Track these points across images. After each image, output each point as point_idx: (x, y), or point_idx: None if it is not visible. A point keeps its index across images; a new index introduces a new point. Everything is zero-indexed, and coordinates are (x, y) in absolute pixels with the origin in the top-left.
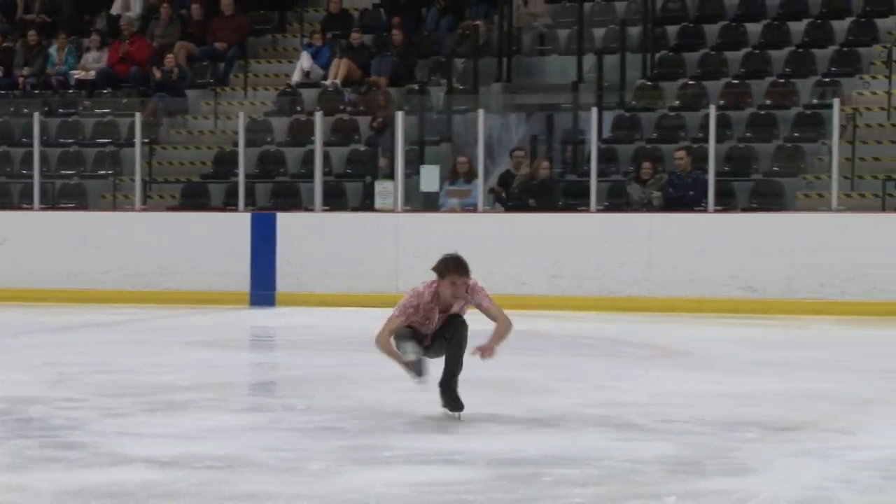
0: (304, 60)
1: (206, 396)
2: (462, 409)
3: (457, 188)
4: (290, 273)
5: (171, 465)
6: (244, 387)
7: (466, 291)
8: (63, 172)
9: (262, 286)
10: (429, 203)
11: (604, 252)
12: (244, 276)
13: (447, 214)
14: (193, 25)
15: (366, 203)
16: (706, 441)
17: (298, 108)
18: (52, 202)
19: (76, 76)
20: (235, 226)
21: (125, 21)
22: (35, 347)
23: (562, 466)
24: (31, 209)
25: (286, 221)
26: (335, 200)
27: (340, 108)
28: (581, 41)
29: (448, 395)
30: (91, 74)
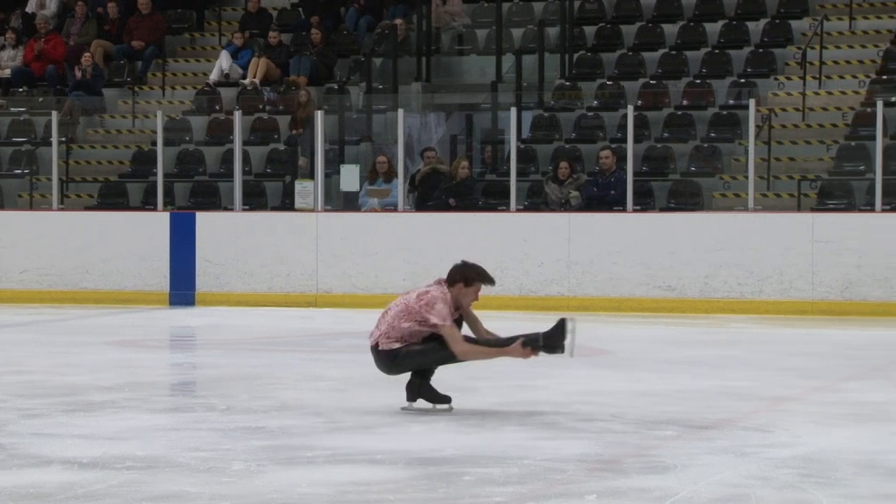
0: (224, 60)
1: (126, 397)
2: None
3: (376, 188)
4: (210, 273)
5: (91, 466)
6: (164, 387)
7: None
8: None
9: (182, 286)
10: (349, 203)
11: (523, 251)
12: (163, 276)
13: (367, 214)
14: (110, 24)
15: (285, 203)
16: (626, 439)
17: (217, 108)
18: None
19: None
20: (154, 225)
21: (41, 19)
22: None
23: (482, 465)
24: None
25: (205, 221)
26: (255, 200)
27: (259, 108)
28: (500, 41)
29: (434, 392)
30: (6, 73)
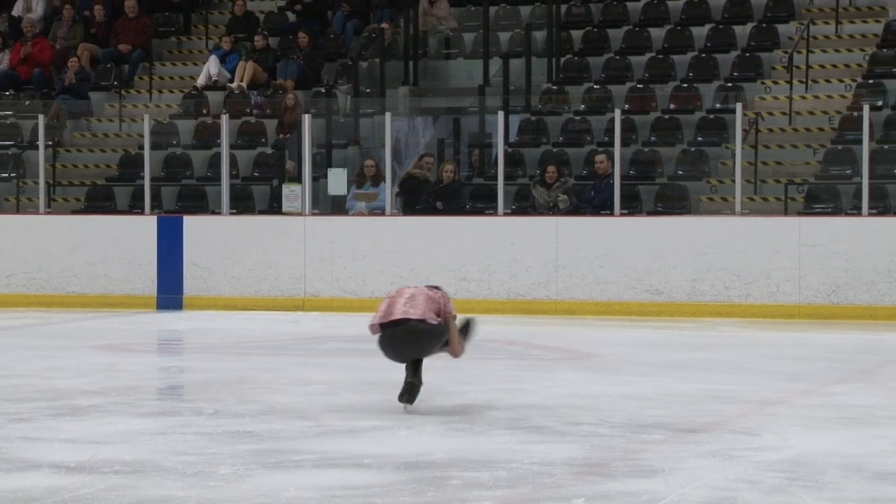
0: (212, 65)
1: (113, 401)
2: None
3: (364, 192)
4: (198, 276)
5: (78, 471)
6: (151, 391)
7: None
8: None
9: (169, 290)
10: (336, 207)
11: (511, 255)
12: (150, 280)
13: (355, 218)
14: (97, 27)
15: (273, 206)
16: (614, 443)
17: (204, 111)
18: None
19: None
20: (141, 229)
21: (27, 22)
22: None
23: (470, 469)
24: None
25: (193, 225)
26: (242, 204)
27: (247, 111)
28: (487, 45)
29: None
30: None
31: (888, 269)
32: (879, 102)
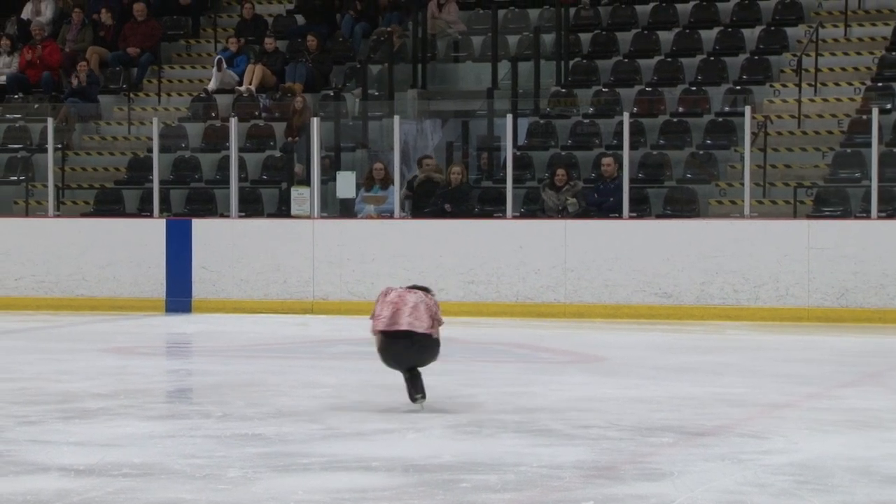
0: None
1: (122, 404)
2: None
3: (373, 195)
4: (206, 279)
5: (87, 473)
6: (160, 394)
7: None
8: None
9: (178, 293)
10: (345, 210)
11: (520, 258)
12: (159, 283)
13: (363, 221)
14: (105, 30)
15: (282, 209)
16: (623, 446)
17: (213, 114)
18: None
19: None
20: (150, 232)
21: (36, 26)
22: None
23: (479, 472)
24: None
25: (201, 228)
26: (251, 207)
27: (255, 115)
28: (495, 48)
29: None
30: (1, 79)
31: None
32: (888, 105)
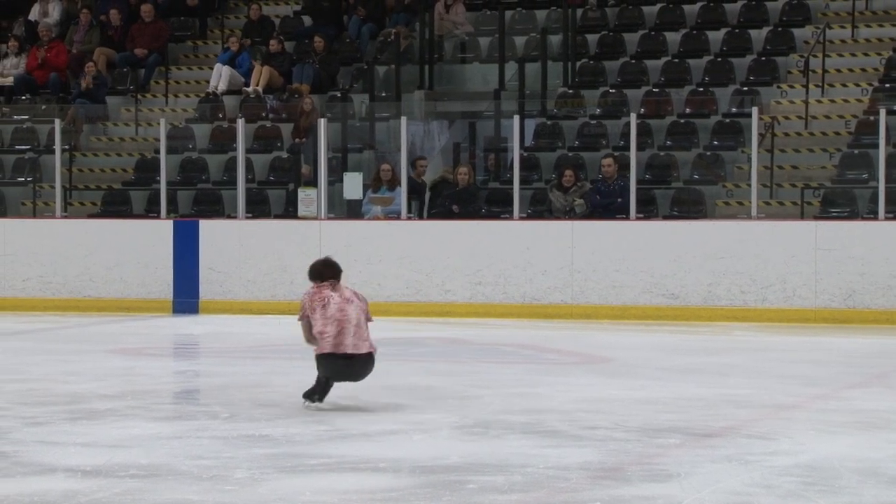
0: (223, 73)
1: (129, 405)
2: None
3: (380, 196)
4: (213, 280)
5: (94, 474)
6: (167, 395)
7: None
8: None
9: (185, 294)
10: (352, 211)
11: (527, 259)
12: (167, 284)
13: (370, 222)
14: (113, 31)
15: (289, 210)
16: (629, 447)
17: (220, 115)
18: None
19: None
20: (157, 233)
21: (43, 27)
22: None
23: (486, 473)
24: None
25: (209, 229)
26: (258, 208)
27: (262, 116)
28: (502, 49)
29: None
30: (9, 80)
31: None
32: (895, 106)
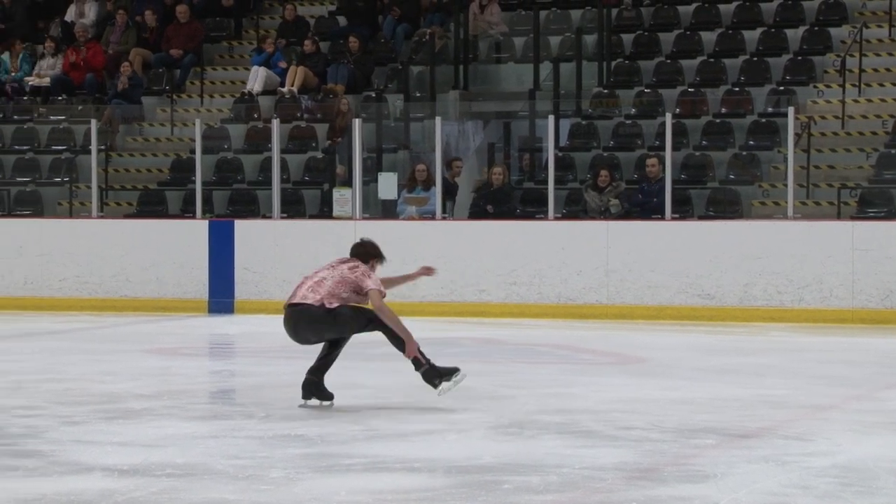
0: (259, 73)
1: (165, 404)
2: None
3: (415, 196)
4: (249, 280)
5: (130, 474)
6: (203, 394)
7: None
8: (19, 179)
9: (221, 294)
10: (387, 211)
11: (562, 259)
12: (202, 284)
13: (405, 222)
14: (149, 32)
15: (324, 211)
16: (665, 448)
17: (255, 116)
18: (8, 209)
19: (31, 83)
20: (193, 233)
21: (80, 28)
22: None
23: (521, 474)
24: None
25: (244, 229)
26: (293, 208)
27: (297, 116)
28: (537, 49)
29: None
30: (45, 81)
31: None
32: None
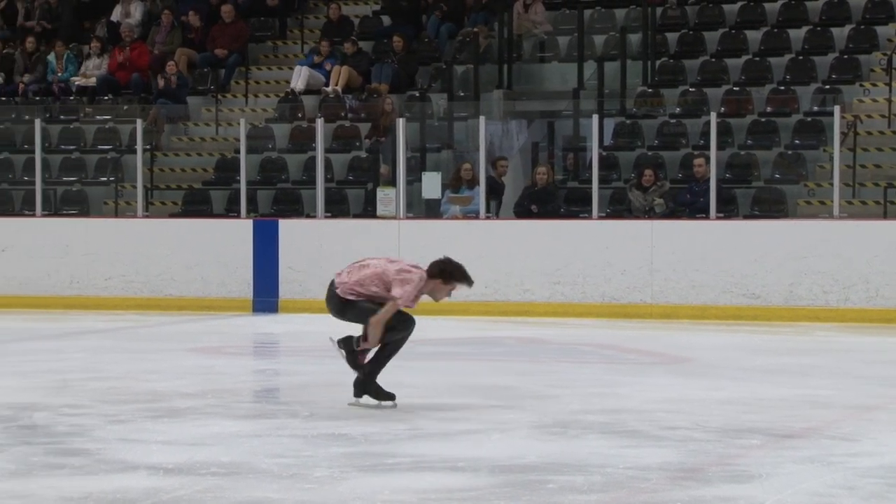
0: (302, 72)
1: (209, 403)
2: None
3: (458, 195)
4: (293, 280)
5: (175, 472)
6: (247, 393)
7: None
8: (65, 179)
9: (265, 293)
10: (430, 210)
11: (606, 259)
12: (247, 283)
13: (449, 221)
14: (194, 32)
15: (367, 210)
16: (710, 448)
17: (299, 115)
18: (54, 209)
19: (77, 83)
20: (237, 232)
21: (126, 28)
22: (37, 354)
23: (565, 473)
24: (33, 216)
25: (288, 228)
26: (337, 207)
27: (342, 115)
28: (581, 48)
29: (377, 388)
30: (91, 81)
31: None
32: None
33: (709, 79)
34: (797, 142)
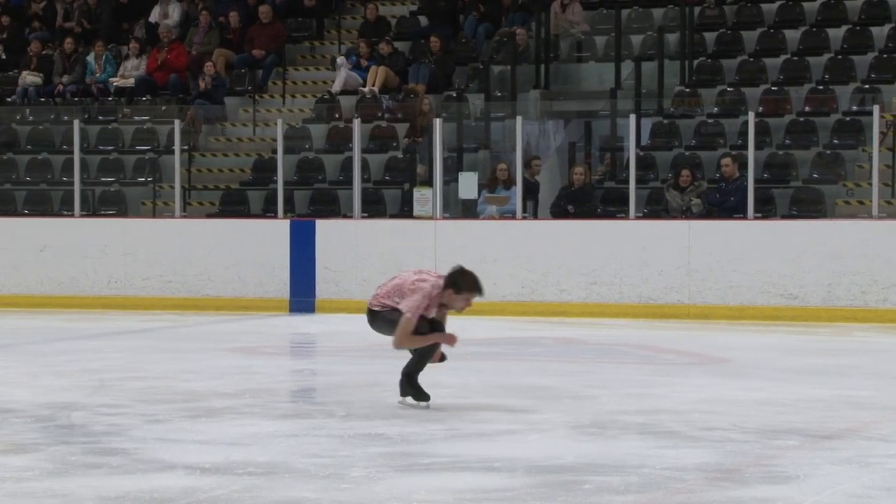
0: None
1: (247, 403)
2: (429, 399)
3: (495, 195)
4: (329, 280)
5: (212, 472)
6: (284, 393)
7: None
8: (103, 179)
9: (302, 293)
10: (467, 210)
11: (643, 259)
12: (283, 283)
13: (486, 222)
14: (232, 33)
15: (404, 210)
16: (747, 449)
17: (337, 116)
18: (93, 209)
19: (115, 84)
20: (274, 233)
21: (164, 29)
22: (75, 354)
23: (602, 474)
24: (72, 216)
25: (325, 228)
26: (374, 207)
27: (378, 116)
28: (619, 48)
29: (415, 387)
30: (130, 82)
31: None
32: None
33: (747, 78)
34: (836, 141)
